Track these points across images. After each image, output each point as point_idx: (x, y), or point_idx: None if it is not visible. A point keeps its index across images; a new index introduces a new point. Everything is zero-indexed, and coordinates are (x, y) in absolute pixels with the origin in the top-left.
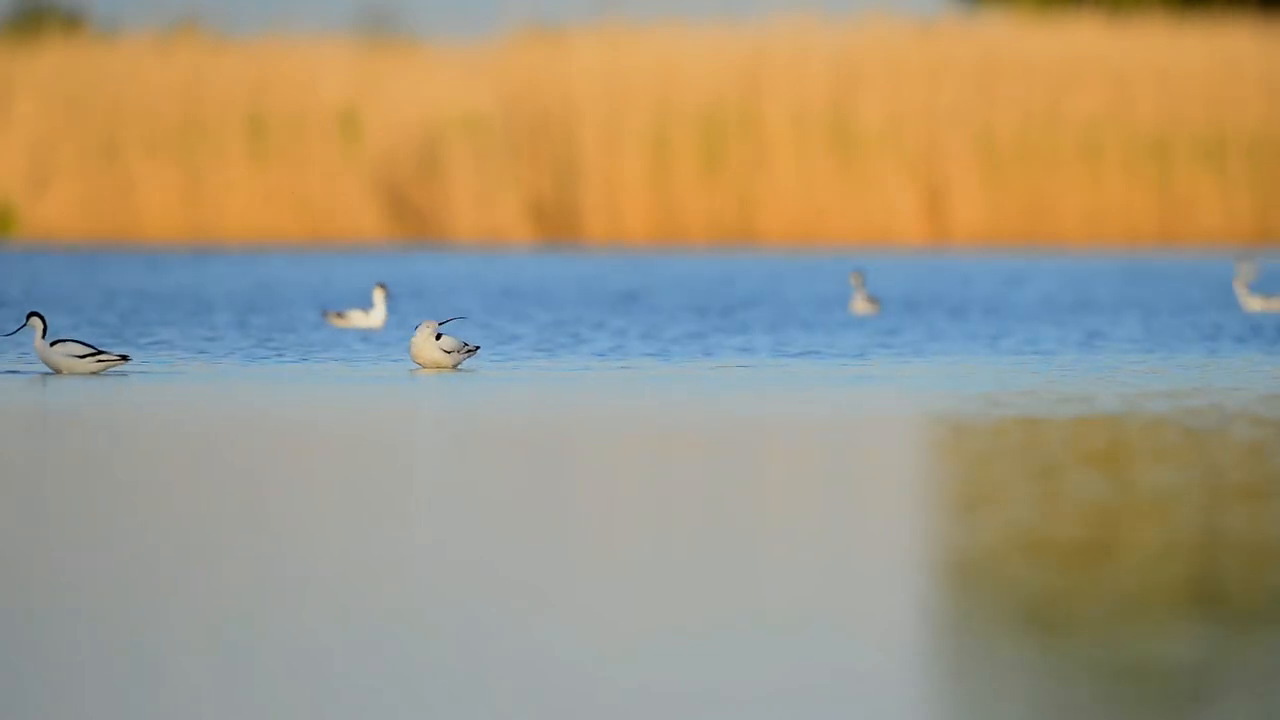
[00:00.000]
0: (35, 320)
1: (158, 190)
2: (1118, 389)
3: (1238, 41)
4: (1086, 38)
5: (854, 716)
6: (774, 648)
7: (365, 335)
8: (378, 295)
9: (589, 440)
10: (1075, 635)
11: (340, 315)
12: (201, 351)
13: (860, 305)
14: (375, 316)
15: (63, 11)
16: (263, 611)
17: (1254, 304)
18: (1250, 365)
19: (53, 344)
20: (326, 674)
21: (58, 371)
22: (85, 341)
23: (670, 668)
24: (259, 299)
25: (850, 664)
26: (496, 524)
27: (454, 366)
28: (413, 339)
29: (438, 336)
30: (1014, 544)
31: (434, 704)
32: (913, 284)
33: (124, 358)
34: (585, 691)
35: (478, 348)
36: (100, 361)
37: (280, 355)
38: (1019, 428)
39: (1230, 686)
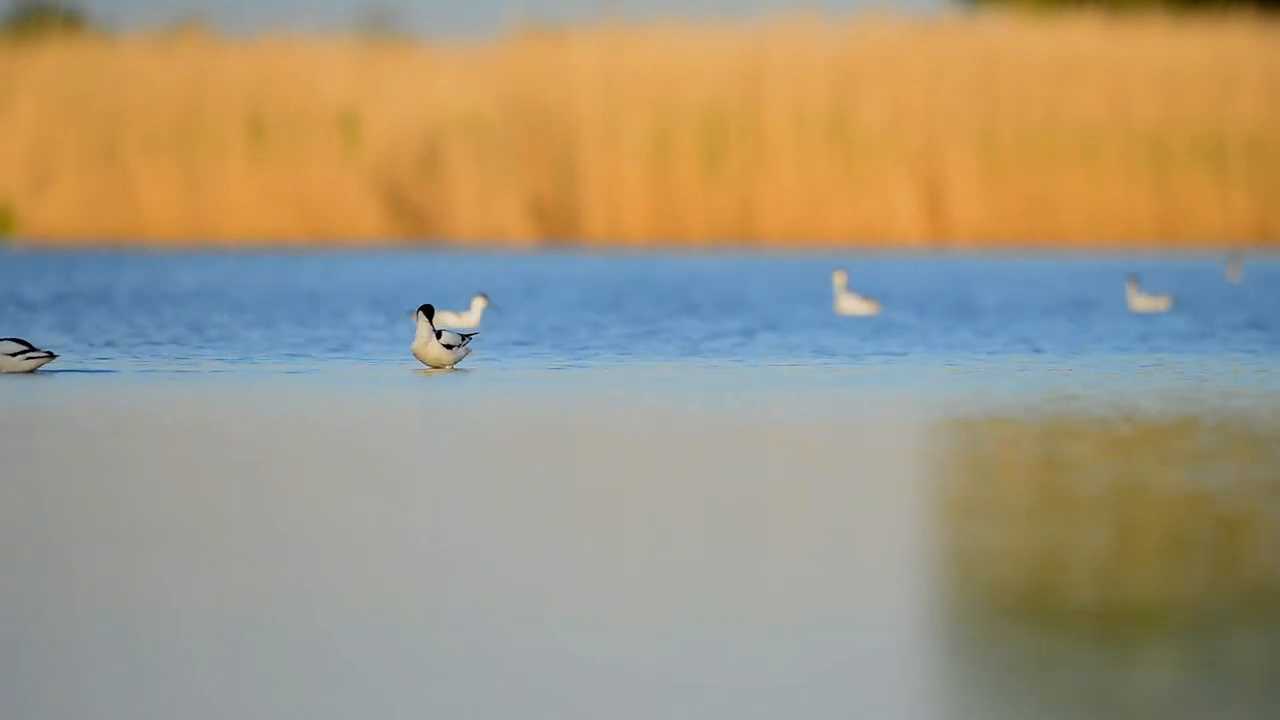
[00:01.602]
0: None
1: (158, 190)
2: (1099, 388)
3: (1237, 41)
4: (1086, 38)
5: (858, 712)
6: (777, 646)
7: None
8: (478, 304)
9: (590, 440)
10: (1078, 638)
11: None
12: (204, 351)
13: (847, 305)
14: (468, 319)
15: (63, 11)
16: (265, 612)
17: (1140, 303)
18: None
19: None
20: (330, 674)
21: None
22: (19, 339)
23: (674, 665)
24: (260, 299)
25: (853, 662)
26: (500, 523)
27: (453, 364)
28: (415, 342)
29: (438, 334)
30: (1017, 547)
31: (437, 704)
32: (908, 283)
33: (50, 355)
34: (589, 688)
35: (475, 333)
36: (30, 359)
37: (284, 355)
38: (1015, 427)
39: (1233, 688)
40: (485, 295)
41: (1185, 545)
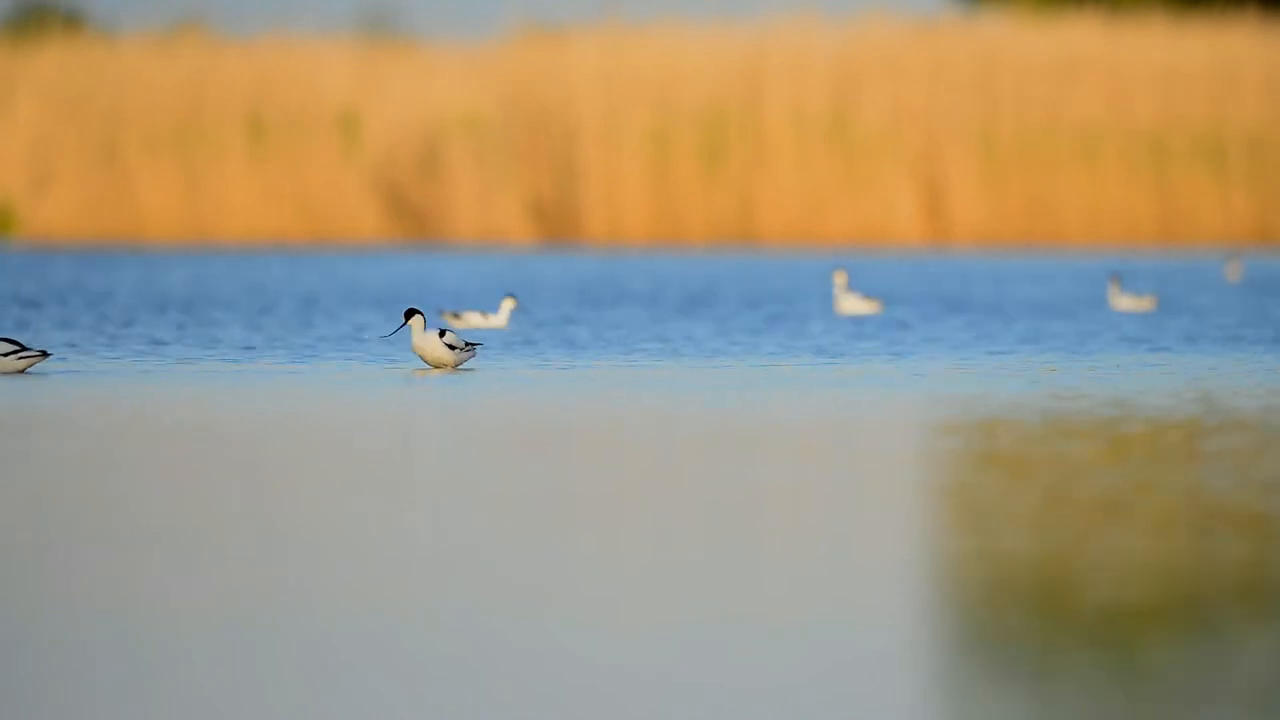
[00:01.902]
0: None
1: (158, 190)
2: (1099, 388)
3: (1238, 41)
4: (1086, 38)
5: (858, 712)
6: (777, 646)
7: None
8: (506, 305)
9: (590, 439)
10: (1079, 638)
11: (456, 316)
12: (204, 351)
13: (848, 304)
14: (495, 320)
15: (63, 11)
16: (265, 612)
17: (1123, 303)
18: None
19: None
20: (330, 674)
21: None
22: (11, 339)
23: (674, 665)
24: (260, 298)
25: (853, 662)
26: (500, 522)
27: (455, 365)
28: (416, 339)
29: (441, 334)
30: (1019, 547)
31: (437, 704)
32: (909, 283)
33: (43, 354)
34: (589, 688)
35: (479, 344)
36: (22, 359)
37: (284, 355)
38: (1018, 426)
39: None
40: (514, 296)
41: (1188, 545)
